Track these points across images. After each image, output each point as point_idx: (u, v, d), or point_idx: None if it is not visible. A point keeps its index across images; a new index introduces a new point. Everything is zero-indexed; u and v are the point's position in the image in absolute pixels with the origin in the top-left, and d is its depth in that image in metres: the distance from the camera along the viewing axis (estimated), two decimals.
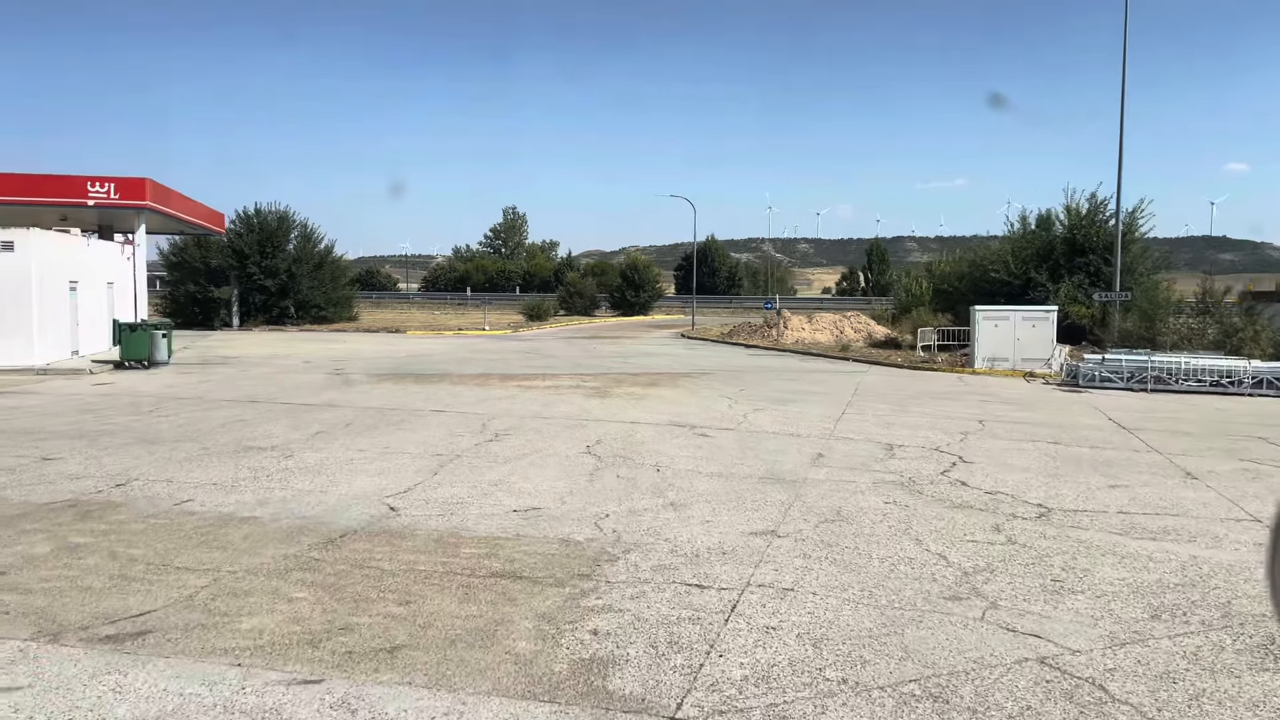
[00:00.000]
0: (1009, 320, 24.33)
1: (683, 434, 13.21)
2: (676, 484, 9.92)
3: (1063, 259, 29.64)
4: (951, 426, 14.48)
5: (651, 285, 64.96)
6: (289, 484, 9.60)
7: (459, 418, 14.34)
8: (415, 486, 9.56)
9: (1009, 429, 14.35)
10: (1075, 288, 28.72)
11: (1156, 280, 29.46)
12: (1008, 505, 9.25)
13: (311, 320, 46.55)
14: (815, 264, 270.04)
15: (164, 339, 21.99)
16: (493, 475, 10.18)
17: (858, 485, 10.07)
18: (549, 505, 8.86)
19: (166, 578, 6.52)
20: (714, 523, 8.31)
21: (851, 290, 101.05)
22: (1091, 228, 29.67)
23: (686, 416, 14.94)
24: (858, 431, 13.81)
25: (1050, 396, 19.05)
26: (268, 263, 44.71)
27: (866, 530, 8.16)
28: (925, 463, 11.47)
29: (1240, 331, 21.95)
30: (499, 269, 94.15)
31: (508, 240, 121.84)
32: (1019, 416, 15.86)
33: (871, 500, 9.35)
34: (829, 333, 38.04)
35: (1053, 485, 10.26)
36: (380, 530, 7.87)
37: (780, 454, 11.82)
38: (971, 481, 10.40)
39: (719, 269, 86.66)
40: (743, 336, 39.20)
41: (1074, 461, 11.72)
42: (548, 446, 11.98)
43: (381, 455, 11.22)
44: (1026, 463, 11.56)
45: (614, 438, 12.74)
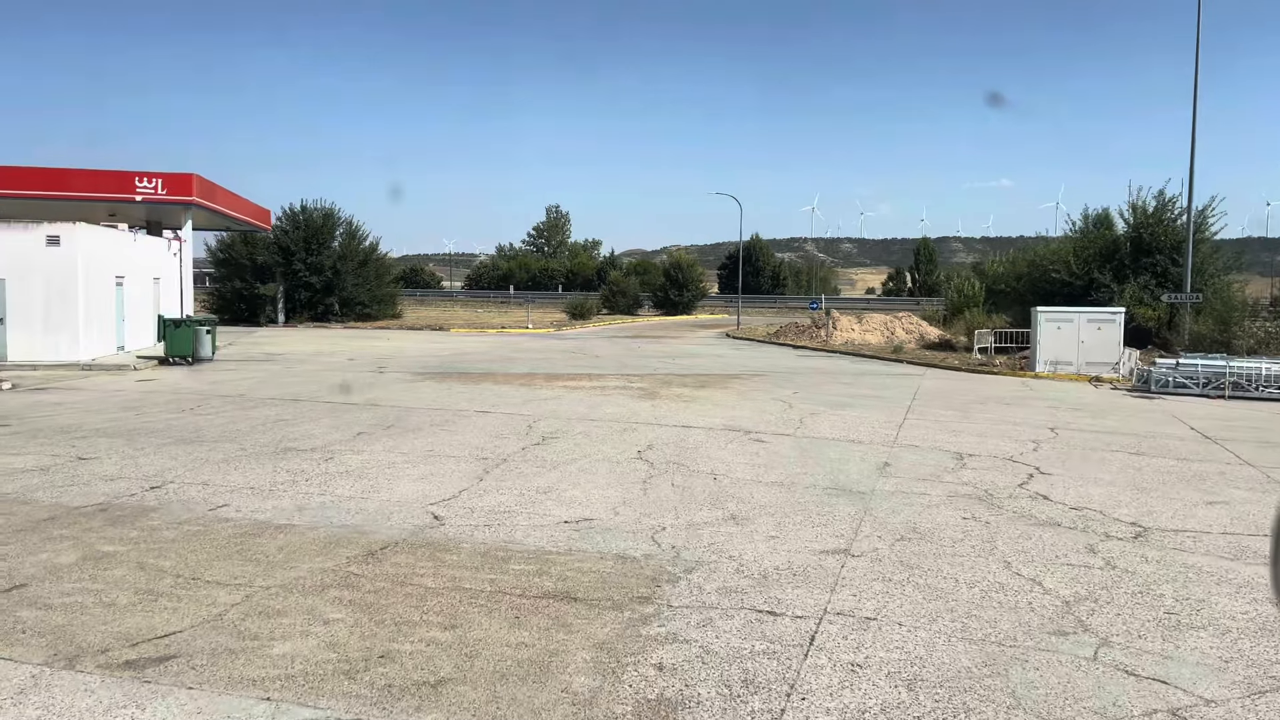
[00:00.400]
0: (1073, 322, 23.33)
1: (737, 439, 12.59)
2: (736, 494, 9.31)
3: (1128, 259, 28.48)
4: (1021, 434, 13.69)
5: (695, 284, 64.24)
6: (329, 489, 9.15)
7: (504, 419, 13.85)
8: (460, 493, 9.05)
9: (1084, 438, 13.53)
10: (1141, 289, 27.56)
11: (1228, 281, 28.20)
12: (1098, 523, 8.52)
13: (356, 318, 46.55)
14: (858, 264, 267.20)
15: (208, 335, 21.82)
16: (541, 482, 9.64)
17: (930, 498, 9.38)
18: (601, 516, 8.30)
19: (196, 593, 6.05)
20: (780, 539, 7.69)
21: (898, 290, 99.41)
22: (1159, 226, 28.47)
23: (740, 421, 14.31)
24: (923, 439, 13.09)
25: (1122, 403, 18.12)
26: (313, 260, 44.77)
27: (948, 550, 7.49)
28: (999, 474, 10.74)
29: None
30: (542, 267, 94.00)
31: (550, 239, 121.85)
32: (1092, 424, 15.00)
33: (948, 515, 8.66)
34: (879, 334, 37.11)
35: (1143, 501, 9.49)
36: (423, 542, 7.36)
37: (843, 462, 11.16)
38: (1053, 495, 9.65)
39: (763, 268, 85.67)
40: (790, 337, 38.40)
41: (1161, 474, 10.91)
42: (597, 451, 11.43)
43: (425, 459, 10.74)
44: (1110, 475, 10.77)
45: (666, 442, 12.15)
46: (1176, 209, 28.49)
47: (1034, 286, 30.55)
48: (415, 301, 74.12)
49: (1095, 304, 27.07)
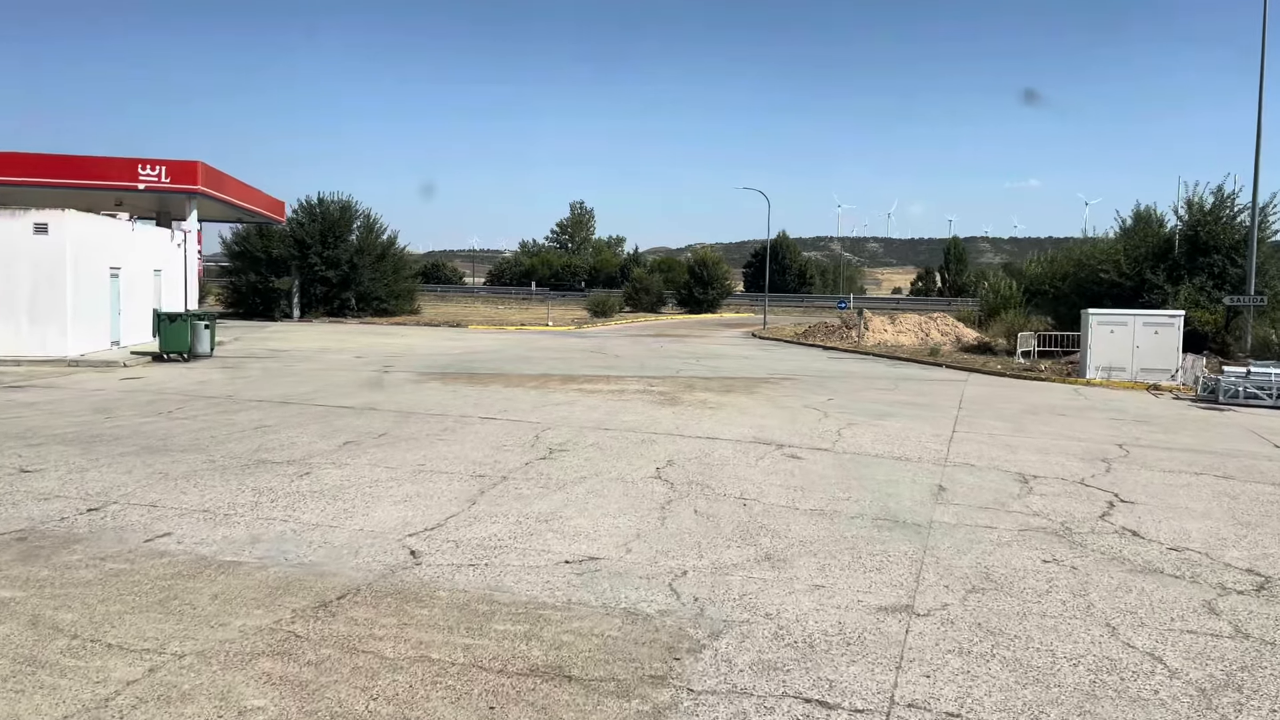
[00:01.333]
0: (1127, 325, 21.71)
1: (769, 454, 11.21)
2: (770, 525, 7.93)
3: (1183, 259, 26.74)
4: (1088, 452, 12.21)
5: (720, 282, 62.70)
6: (294, 513, 7.86)
7: (510, 427, 12.53)
8: (447, 521, 7.73)
9: (1159, 457, 12.03)
10: (1197, 290, 25.84)
11: None
12: (1208, 570, 7.07)
13: (373, 313, 45.50)
14: (885, 263, 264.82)
15: (206, 330, 20.69)
16: (542, 506, 8.31)
17: (999, 533, 7.96)
18: (610, 554, 6.95)
19: (87, 664, 4.76)
20: (827, 589, 6.31)
21: (927, 290, 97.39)
22: (1216, 224, 26.69)
23: (771, 431, 12.92)
24: (978, 456, 11.64)
25: (1189, 415, 16.54)
26: (329, 253, 43.74)
27: (1034, 606, 6.08)
28: (1074, 501, 9.28)
29: None
30: (564, 264, 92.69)
31: (574, 235, 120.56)
32: (1164, 440, 13.48)
33: (1025, 557, 7.24)
34: (913, 335, 35.53)
35: (1252, 539, 8.02)
36: (391, 588, 6.04)
37: (892, 485, 9.74)
38: (1144, 531, 8.20)
39: (790, 266, 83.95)
40: (819, 337, 36.88)
41: (1262, 505, 9.41)
42: (610, 468, 10.08)
43: (414, 475, 9.44)
44: (1203, 506, 9.29)
45: (688, 457, 10.79)
46: (1235, 206, 26.73)
47: (1080, 287, 28.86)
48: (436, 297, 73.10)
49: (1147, 306, 25.40)
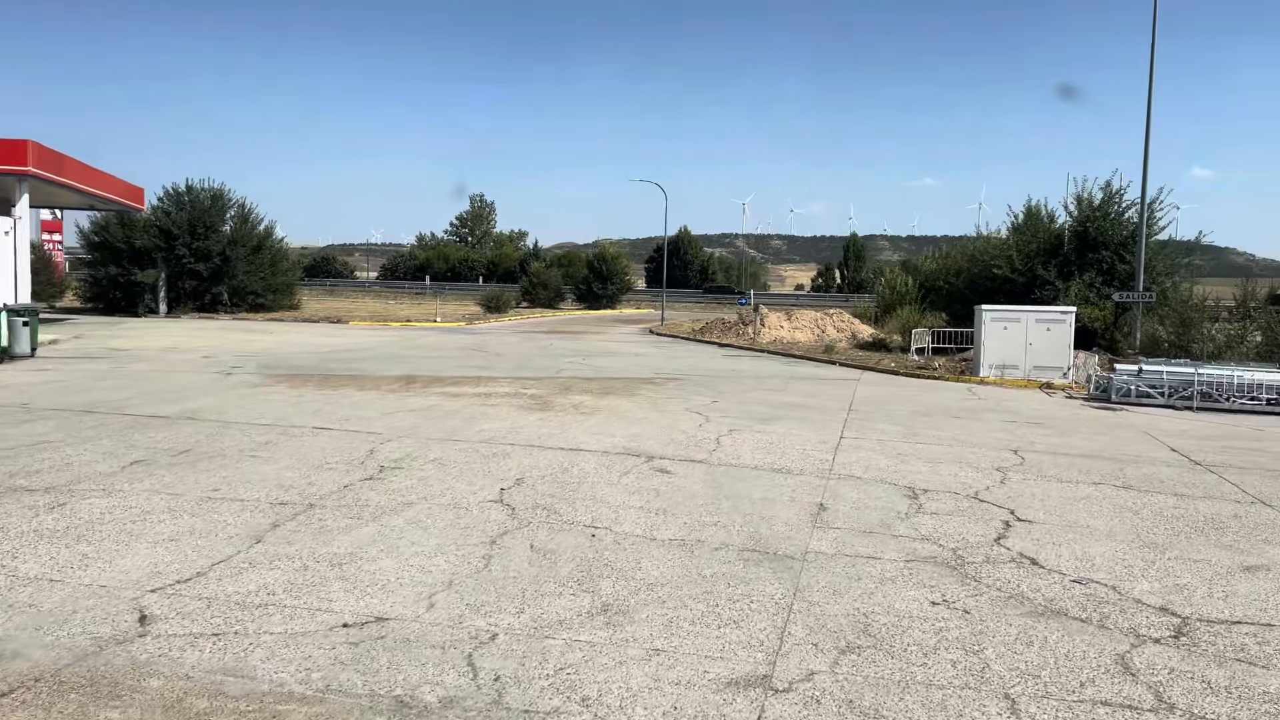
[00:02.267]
0: (1020, 322, 21.23)
1: (636, 468, 9.93)
2: (617, 563, 6.63)
3: (1073, 255, 26.59)
4: (982, 459, 11.31)
5: (620, 277, 61.39)
6: (13, 561, 6.21)
7: (344, 440, 10.96)
8: (212, 568, 6.20)
9: (1056, 464, 11.20)
10: (1086, 287, 25.69)
11: (1177, 280, 26.49)
12: (1117, 610, 6.05)
13: (248, 308, 42.75)
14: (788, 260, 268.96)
15: (25, 327, 18.39)
16: (344, 544, 6.83)
17: (883, 566, 6.84)
18: (405, 611, 5.54)
19: None
20: (669, 654, 5.04)
21: (827, 287, 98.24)
22: (1104, 220, 26.61)
23: (644, 440, 11.66)
24: (865, 466, 10.60)
25: (1084, 416, 15.95)
26: (199, 244, 40.84)
27: (919, 673, 4.92)
28: (967, 521, 8.26)
29: None
30: (462, 257, 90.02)
31: (475, 229, 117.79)
32: (1060, 445, 12.71)
33: (910, 598, 6.12)
34: (810, 331, 34.92)
35: (1161, 565, 7.08)
36: (84, 677, 4.52)
37: (767, 505, 8.57)
38: (1043, 558, 7.19)
39: (691, 262, 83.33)
40: (716, 334, 35.96)
41: (1166, 521, 8.56)
42: (445, 490, 8.64)
43: (200, 504, 7.84)
44: (1105, 524, 8.38)
45: (542, 475, 9.43)
46: (1124, 202, 26.70)
47: (973, 283, 28.54)
48: (325, 292, 70.08)
49: (1038, 302, 25.12)
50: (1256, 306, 20.52)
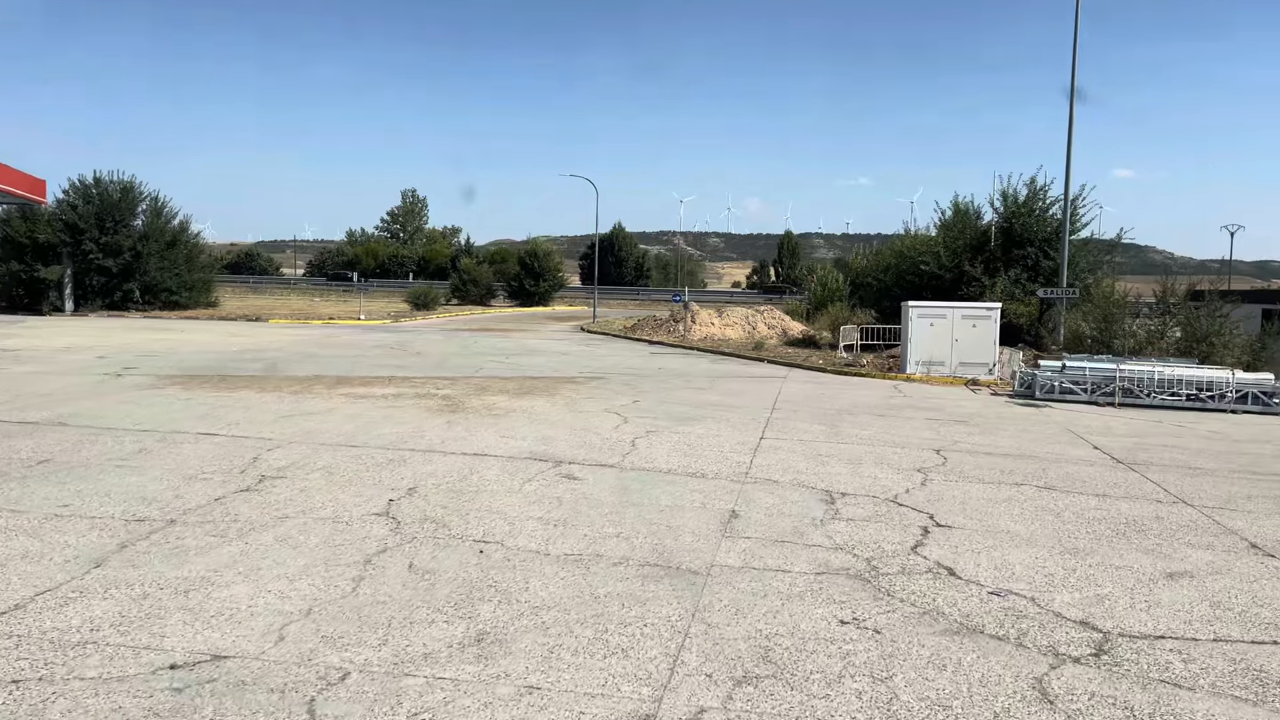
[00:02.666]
0: (946, 319, 21.12)
1: (542, 474, 9.34)
2: (503, 584, 6.05)
3: (999, 251, 26.67)
4: (904, 460, 10.95)
5: (552, 274, 60.53)
6: None
7: (227, 447, 10.16)
8: (34, 599, 5.46)
9: (978, 464, 10.90)
10: (1012, 283, 25.77)
11: (1100, 276, 26.75)
12: (1036, 625, 5.66)
13: (162, 306, 41.07)
14: (725, 258, 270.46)
15: None
16: (198, 567, 6.13)
17: (792, 579, 6.37)
18: (249, 646, 4.89)
19: None
20: (544, 693, 4.48)
21: (762, 284, 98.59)
22: (1029, 217, 26.76)
23: (555, 444, 11.07)
24: (784, 468, 10.16)
25: (1008, 413, 15.78)
26: (108, 239, 39.06)
27: (820, 708, 4.44)
28: (884, 527, 7.85)
29: (1212, 336, 19.17)
30: (391, 254, 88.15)
31: (406, 225, 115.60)
32: (983, 444, 12.45)
33: (818, 617, 5.65)
34: (741, 329, 34.64)
35: (1083, 575, 6.73)
36: None
37: (676, 513, 8.05)
38: (961, 568, 6.80)
39: (626, 259, 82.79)
40: (647, 332, 35.49)
41: (1088, 524, 8.26)
42: (328, 502, 7.96)
43: (44, 522, 7.04)
44: (1026, 527, 8.04)
45: (439, 483, 8.79)
46: (1048, 199, 26.88)
47: (901, 279, 28.50)
48: (248, 289, 68.00)
49: (965, 299, 25.12)
50: (1176, 302, 20.68)
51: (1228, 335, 19.37)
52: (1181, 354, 19.18)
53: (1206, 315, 19.88)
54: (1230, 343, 19.24)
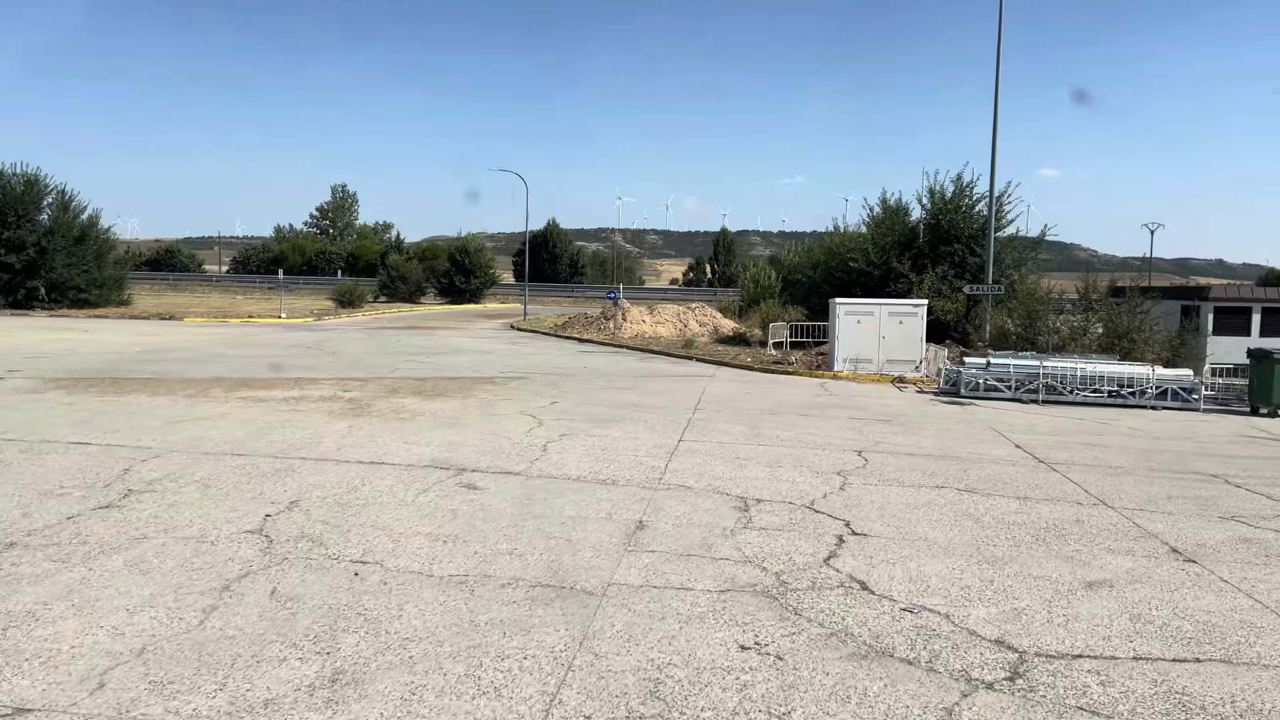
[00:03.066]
0: (874, 315, 20.96)
1: (441, 484, 8.76)
2: (373, 611, 5.48)
3: (926, 247, 26.69)
4: (824, 462, 10.60)
5: (484, 271, 59.44)
6: None
7: (99, 457, 9.37)
8: None
9: (899, 466, 10.59)
10: (939, 280, 25.79)
11: (1024, 273, 26.93)
12: (949, 646, 5.28)
13: (70, 304, 39.26)
14: (664, 255, 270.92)
15: None
16: (23, 599, 5.44)
17: (695, 598, 5.91)
18: (59, 698, 4.26)
19: None
20: None
21: (698, 281, 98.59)
22: (956, 213, 26.82)
23: (461, 450, 10.48)
24: (699, 473, 9.72)
25: (933, 412, 15.60)
26: (10, 235, 37.21)
27: None
28: (797, 536, 7.45)
29: (1133, 332, 19.30)
30: (319, 250, 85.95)
31: (336, 221, 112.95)
32: (906, 444, 12.18)
33: (718, 642, 5.19)
34: (672, 326, 34.26)
35: (1001, 586, 6.39)
36: None
37: (579, 525, 7.54)
38: (874, 582, 6.41)
39: (560, 256, 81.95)
40: (577, 330, 34.92)
41: (1008, 529, 7.96)
42: (196, 519, 7.27)
43: None
44: (945, 535, 7.70)
45: (325, 495, 8.15)
46: (974, 195, 26.98)
47: (831, 276, 28.39)
48: (167, 287, 65.67)
49: (894, 295, 25.07)
50: (1098, 299, 20.83)
51: (1148, 332, 19.54)
52: (1104, 350, 19.28)
53: (1127, 312, 20.03)
54: (1150, 339, 19.41)
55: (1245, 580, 6.70)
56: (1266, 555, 7.43)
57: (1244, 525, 8.37)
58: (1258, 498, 9.57)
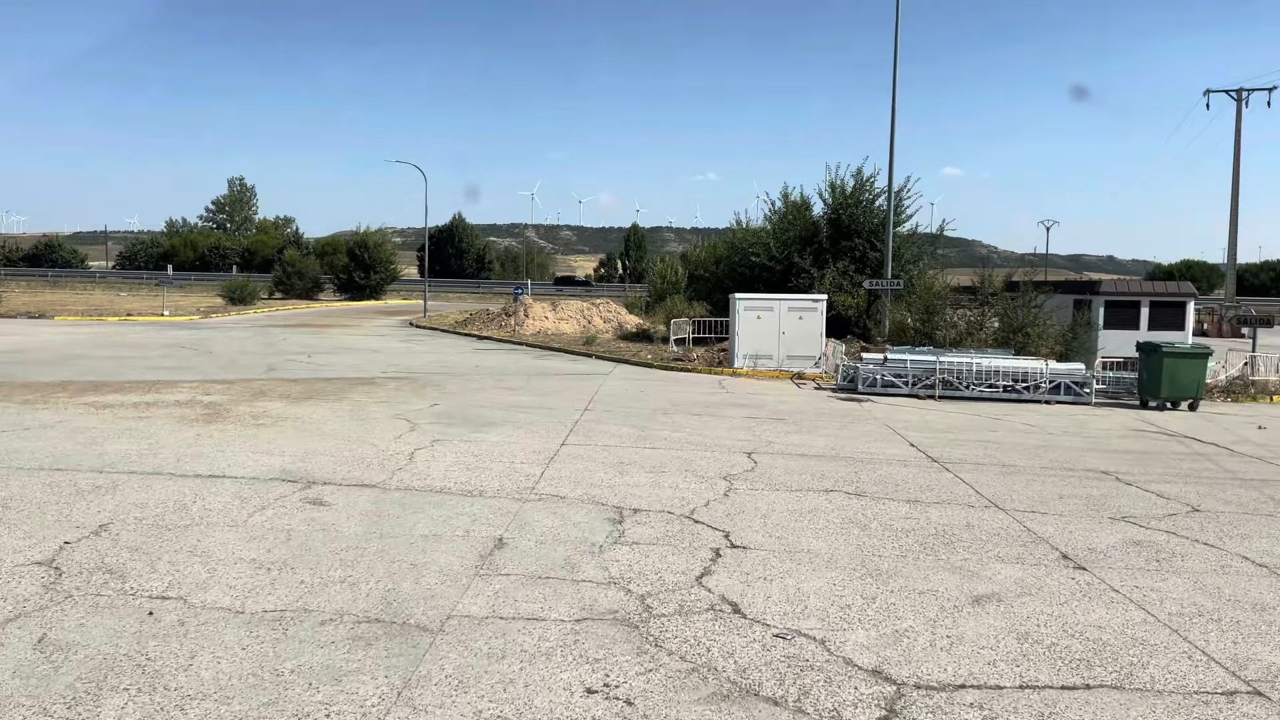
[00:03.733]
0: (774, 311, 20.61)
1: (284, 500, 7.89)
2: (160, 660, 4.65)
3: (827, 242, 26.54)
4: (711, 466, 10.04)
5: (385, 266, 57.60)
6: None
7: None
8: None
9: (789, 469, 10.10)
10: (840, 274, 25.65)
11: (925, 268, 27.01)
12: (821, 680, 4.72)
13: None
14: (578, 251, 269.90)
15: None
16: None
17: (545, 631, 5.23)
18: None
19: None
20: None
21: (609, 277, 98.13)
22: (857, 207, 26.73)
23: (316, 459, 9.59)
24: (577, 480, 9.05)
25: (829, 409, 15.23)
26: None
27: None
28: (672, 551, 6.84)
29: (1028, 327, 19.37)
30: (212, 245, 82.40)
31: (234, 215, 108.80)
32: (798, 444, 11.72)
33: (561, 685, 4.53)
34: (575, 322, 33.54)
35: (883, 605, 5.88)
36: None
37: (431, 544, 6.79)
38: (748, 602, 5.83)
39: (467, 251, 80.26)
40: (477, 327, 33.90)
41: (895, 536, 7.50)
42: None
43: None
44: (829, 544, 7.19)
45: (143, 516, 7.21)
46: (875, 189, 26.93)
47: (734, 271, 28.02)
48: (45, 284, 62.01)
49: (796, 290, 24.82)
50: (994, 293, 20.90)
51: (1042, 326, 19.64)
52: (999, 345, 19.30)
53: (1022, 306, 20.10)
54: (1044, 333, 19.50)
55: (1136, 590, 6.34)
56: (1157, 559, 7.12)
57: (1135, 526, 8.09)
58: (1148, 495, 9.35)
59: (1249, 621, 5.78)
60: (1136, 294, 22.12)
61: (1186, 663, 5.11)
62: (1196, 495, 9.44)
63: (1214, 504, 9.06)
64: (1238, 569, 6.92)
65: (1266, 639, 5.49)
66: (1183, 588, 6.42)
